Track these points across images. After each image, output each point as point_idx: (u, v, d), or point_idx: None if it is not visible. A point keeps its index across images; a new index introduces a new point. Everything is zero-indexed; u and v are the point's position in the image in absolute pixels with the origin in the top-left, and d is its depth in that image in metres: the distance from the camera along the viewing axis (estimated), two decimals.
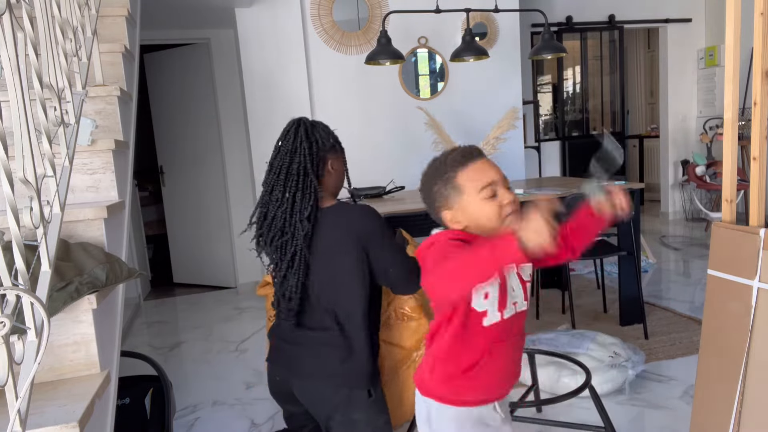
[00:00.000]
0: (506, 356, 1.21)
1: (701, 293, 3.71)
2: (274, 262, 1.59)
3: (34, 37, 1.14)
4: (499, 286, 1.16)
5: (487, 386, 1.20)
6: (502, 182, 1.16)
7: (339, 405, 1.53)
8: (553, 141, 6.23)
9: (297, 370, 1.57)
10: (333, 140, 1.63)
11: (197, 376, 3.07)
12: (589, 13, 5.91)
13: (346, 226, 1.52)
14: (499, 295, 1.16)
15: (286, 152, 1.54)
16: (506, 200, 1.14)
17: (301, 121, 1.58)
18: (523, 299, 1.20)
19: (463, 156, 1.17)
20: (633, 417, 2.30)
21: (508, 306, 1.16)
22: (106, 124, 1.88)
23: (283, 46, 4.15)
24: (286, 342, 1.61)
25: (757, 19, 1.47)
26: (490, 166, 1.17)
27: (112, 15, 2.24)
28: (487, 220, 1.15)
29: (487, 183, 1.14)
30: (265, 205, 1.58)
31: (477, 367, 1.17)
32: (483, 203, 1.14)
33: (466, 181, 1.15)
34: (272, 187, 1.55)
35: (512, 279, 1.18)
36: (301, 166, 1.52)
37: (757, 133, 1.48)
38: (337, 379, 1.53)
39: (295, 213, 1.51)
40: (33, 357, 0.89)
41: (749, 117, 2.81)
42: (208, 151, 4.81)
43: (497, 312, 1.15)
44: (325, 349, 1.54)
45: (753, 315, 1.46)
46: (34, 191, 1.00)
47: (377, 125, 4.37)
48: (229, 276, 4.93)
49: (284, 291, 1.55)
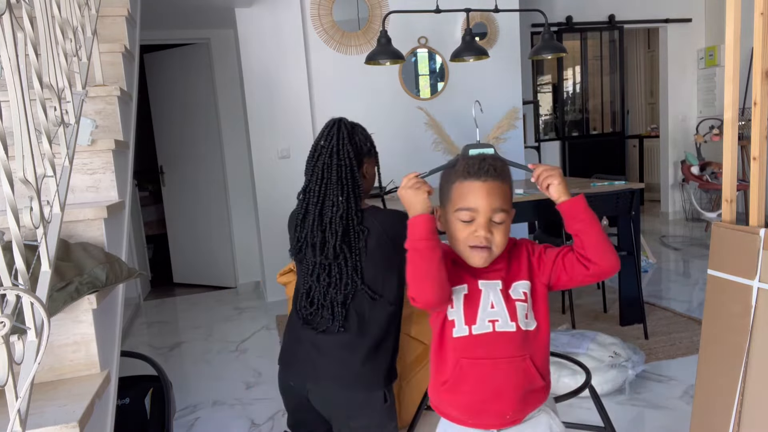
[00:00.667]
0: (489, 379, 1.10)
1: (701, 293, 3.71)
2: (317, 270, 1.52)
3: (34, 37, 1.14)
4: (465, 296, 1.11)
5: (469, 406, 1.12)
6: (486, 214, 1.08)
7: (356, 408, 1.50)
8: (553, 141, 6.24)
9: (316, 374, 1.52)
10: (370, 144, 1.60)
11: (197, 376, 3.07)
12: (589, 13, 5.91)
13: (383, 231, 1.49)
14: (465, 307, 1.11)
15: (330, 153, 1.50)
16: (477, 233, 1.08)
17: (341, 122, 1.54)
18: (508, 319, 1.10)
19: (469, 170, 1.10)
20: (633, 417, 2.30)
21: (478, 322, 1.09)
22: (106, 124, 1.88)
23: (283, 46, 4.15)
24: (302, 345, 1.55)
25: (757, 19, 1.47)
26: (486, 193, 1.08)
27: (112, 15, 2.23)
28: (455, 240, 1.12)
29: (464, 206, 1.09)
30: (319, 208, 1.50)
31: (451, 381, 1.12)
32: (456, 222, 1.10)
33: (455, 193, 1.11)
34: (325, 188, 1.49)
35: (491, 294, 1.11)
36: (347, 169, 1.49)
37: (757, 133, 1.48)
38: (356, 382, 1.50)
39: (351, 217, 1.47)
40: (33, 357, 0.89)
41: (749, 117, 2.82)
42: (208, 151, 4.81)
43: (464, 325, 1.10)
44: (345, 353, 1.49)
45: (753, 315, 1.46)
46: (34, 191, 1.00)
47: (377, 125, 4.33)
48: (229, 276, 4.93)
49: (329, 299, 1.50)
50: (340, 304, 1.49)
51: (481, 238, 1.08)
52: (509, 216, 1.12)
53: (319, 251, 1.49)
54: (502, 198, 1.10)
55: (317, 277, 1.52)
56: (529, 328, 1.11)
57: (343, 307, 1.49)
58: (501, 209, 1.09)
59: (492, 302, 1.11)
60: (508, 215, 1.11)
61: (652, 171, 7.21)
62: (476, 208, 1.08)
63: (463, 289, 1.12)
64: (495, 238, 1.09)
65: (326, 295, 1.50)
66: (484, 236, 1.07)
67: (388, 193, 3.51)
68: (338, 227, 1.46)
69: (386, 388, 1.53)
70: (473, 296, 1.11)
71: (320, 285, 1.51)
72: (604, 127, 6.52)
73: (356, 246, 1.47)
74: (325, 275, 1.50)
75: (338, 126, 1.52)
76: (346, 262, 1.48)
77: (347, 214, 1.47)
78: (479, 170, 1.10)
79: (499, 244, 1.10)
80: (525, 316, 1.11)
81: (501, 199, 1.09)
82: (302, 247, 1.54)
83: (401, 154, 4.33)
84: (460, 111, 4.48)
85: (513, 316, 1.10)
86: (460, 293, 1.11)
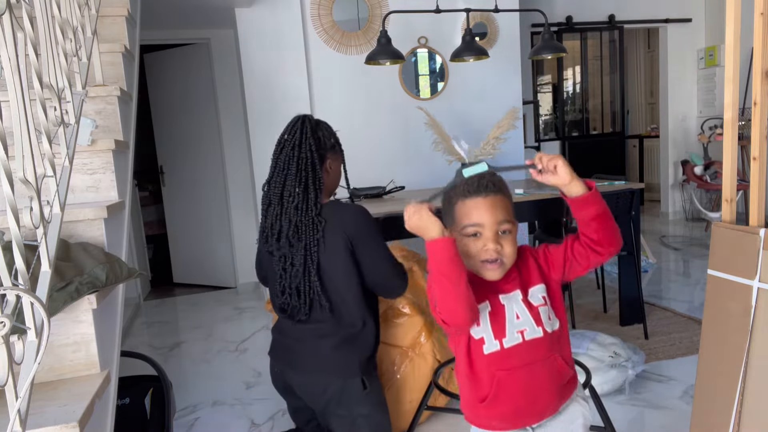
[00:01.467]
0: (527, 385, 1.14)
1: (701, 293, 3.71)
2: (281, 259, 1.58)
3: (34, 37, 1.14)
4: (489, 313, 1.14)
5: (511, 414, 1.16)
6: (492, 227, 1.11)
7: (333, 396, 1.54)
8: (553, 141, 6.24)
9: (293, 362, 1.60)
10: (334, 140, 1.65)
11: (197, 376, 3.07)
12: (589, 13, 5.91)
13: (338, 224, 1.54)
14: (492, 323, 1.14)
15: (292, 146, 1.55)
16: (486, 246, 1.11)
17: (305, 118, 1.59)
18: (534, 326, 1.14)
19: (469, 189, 1.14)
20: (633, 417, 2.30)
21: (508, 335, 1.13)
22: (106, 124, 1.88)
23: (283, 46, 4.15)
24: (284, 336, 1.64)
25: (757, 19, 1.47)
26: (489, 206, 1.12)
27: (112, 15, 2.23)
28: (467, 257, 1.14)
29: (470, 223, 1.12)
30: (279, 198, 1.56)
31: (491, 396, 1.14)
32: (464, 238, 1.14)
33: (459, 213, 1.15)
34: (285, 180, 1.54)
35: (515, 306, 1.15)
36: (308, 161, 1.54)
37: (757, 133, 1.48)
38: (329, 368, 1.55)
39: (309, 208, 1.52)
40: (33, 357, 0.89)
41: (749, 117, 2.81)
42: (208, 151, 4.81)
43: (494, 340, 1.13)
44: (320, 341, 1.56)
45: (753, 315, 1.46)
46: (34, 191, 1.00)
47: (377, 125, 4.37)
48: (229, 276, 4.93)
49: (297, 288, 1.55)
50: (302, 293, 1.54)
51: (491, 251, 1.10)
52: (514, 227, 1.15)
53: (278, 240, 1.55)
54: (505, 210, 1.13)
55: (283, 267, 1.57)
56: (554, 328, 1.16)
57: (305, 295, 1.53)
58: (506, 221, 1.12)
59: (517, 313, 1.14)
60: (514, 226, 1.14)
61: (652, 171, 7.21)
62: (482, 222, 1.11)
63: (486, 307, 1.14)
64: (505, 249, 1.12)
65: (291, 284, 1.56)
66: (494, 249, 1.10)
67: (388, 193, 3.51)
68: (293, 216, 1.52)
69: (365, 375, 1.55)
70: (497, 312, 1.14)
71: (286, 274, 1.57)
72: (604, 127, 6.52)
73: (312, 236, 1.51)
74: (288, 264, 1.56)
75: (302, 121, 1.58)
76: (300, 251, 1.52)
77: (305, 204, 1.52)
78: (479, 187, 1.13)
79: (509, 255, 1.12)
80: (548, 318, 1.15)
81: (504, 211, 1.13)
82: (267, 237, 1.60)
83: (401, 154, 4.34)
84: (460, 111, 4.48)
85: (538, 322, 1.14)
86: (484, 311, 1.14)
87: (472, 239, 1.12)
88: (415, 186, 3.83)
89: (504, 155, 3.75)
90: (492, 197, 1.12)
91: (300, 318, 1.57)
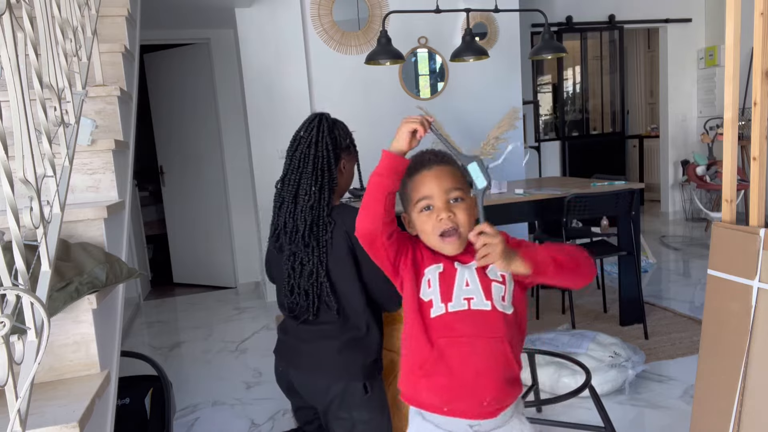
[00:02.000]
0: (468, 359, 1.09)
1: (701, 293, 3.71)
2: (290, 258, 1.57)
3: (34, 37, 1.14)
4: (440, 274, 1.13)
5: (447, 389, 1.10)
6: (441, 196, 1.12)
7: (335, 398, 1.53)
8: (553, 141, 6.23)
9: (296, 362, 1.59)
10: (349, 140, 1.63)
11: (197, 376, 3.07)
12: (589, 13, 5.91)
13: (342, 226, 1.53)
14: (441, 285, 1.12)
15: (308, 144, 1.54)
16: (440, 216, 1.11)
17: (323, 116, 1.58)
18: (483, 297, 1.11)
19: (415, 163, 1.15)
20: (633, 417, 2.30)
21: (454, 299, 1.11)
22: (106, 124, 1.88)
23: (283, 46, 4.15)
24: (289, 335, 1.63)
25: (757, 19, 1.47)
26: (434, 176, 1.13)
27: (112, 15, 2.23)
28: (425, 234, 1.14)
29: (420, 196, 1.13)
30: (293, 197, 1.54)
31: (429, 363, 1.11)
32: (419, 216, 1.14)
33: (411, 190, 1.15)
34: (300, 178, 1.53)
35: (465, 272, 1.13)
36: (324, 161, 1.52)
37: (757, 133, 1.48)
38: (332, 370, 1.54)
39: (322, 208, 1.51)
40: (33, 357, 0.89)
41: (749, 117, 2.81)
42: (208, 151, 4.81)
43: (441, 303, 1.11)
44: (324, 342, 1.55)
45: (753, 315, 1.46)
46: (34, 191, 1.00)
47: (377, 125, 4.36)
48: (229, 276, 4.93)
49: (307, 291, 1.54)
50: (312, 294, 1.53)
51: (445, 220, 1.10)
52: (466, 195, 1.14)
53: (291, 239, 1.53)
54: (452, 178, 1.13)
55: (292, 266, 1.56)
56: (506, 311, 1.12)
57: (314, 296, 1.52)
58: (454, 188, 1.12)
59: (467, 280, 1.12)
60: (465, 194, 1.14)
61: (652, 171, 7.21)
62: (430, 194, 1.12)
63: (439, 268, 1.14)
64: (458, 217, 1.11)
65: (300, 283, 1.55)
66: (446, 217, 1.10)
67: None
68: (308, 216, 1.50)
69: (367, 380, 1.55)
70: (448, 275, 1.13)
71: (295, 274, 1.55)
72: (604, 127, 6.52)
73: (323, 237, 1.51)
74: (298, 264, 1.54)
75: (319, 119, 1.57)
76: (313, 251, 1.52)
77: (318, 204, 1.51)
78: (422, 161, 1.15)
79: (464, 223, 1.12)
80: (502, 299, 1.12)
81: (451, 179, 1.13)
82: (279, 235, 1.58)
83: None
84: (460, 111, 4.48)
85: (488, 295, 1.11)
86: (435, 272, 1.13)
87: (425, 214, 1.13)
88: None
89: (503, 156, 3.74)
90: (436, 168, 1.14)
91: (306, 318, 1.56)
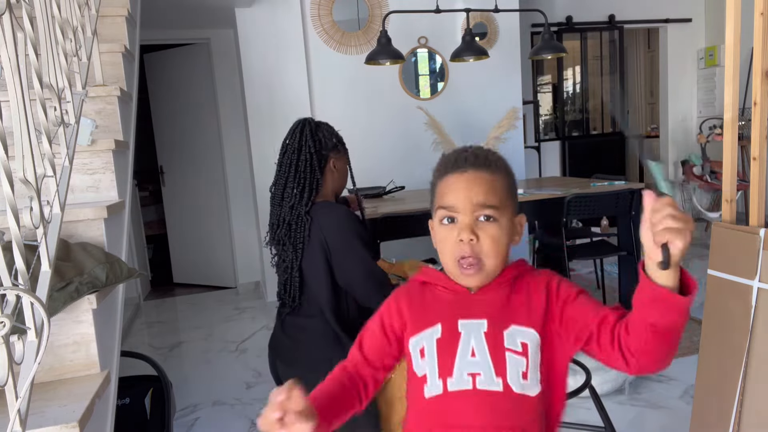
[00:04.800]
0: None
1: (701, 293, 3.70)
2: (279, 256, 1.68)
3: (34, 37, 1.14)
4: (438, 340, 0.84)
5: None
6: (468, 211, 0.83)
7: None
8: (553, 141, 6.23)
9: (282, 355, 1.67)
10: (336, 140, 1.70)
11: (197, 376, 3.07)
12: (589, 13, 5.91)
13: (318, 224, 1.59)
14: (439, 355, 0.83)
15: (293, 150, 1.62)
16: (460, 237, 0.83)
17: (306, 121, 1.66)
18: (493, 374, 0.80)
19: (448, 161, 0.89)
20: (633, 417, 2.30)
21: (455, 375, 0.81)
22: (106, 124, 1.88)
23: (283, 46, 4.15)
24: (277, 328, 1.72)
25: (757, 19, 1.47)
26: (465, 184, 0.84)
27: (112, 15, 2.23)
28: (442, 254, 0.87)
29: (443, 204, 0.86)
30: (279, 200, 1.64)
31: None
32: (440, 226, 0.87)
33: (436, 193, 0.89)
34: (285, 183, 1.62)
35: (473, 338, 0.83)
36: (307, 163, 1.60)
37: (757, 133, 1.48)
38: (308, 363, 1.58)
39: (302, 207, 1.59)
40: (33, 357, 0.89)
41: (749, 117, 2.81)
42: (208, 151, 4.81)
43: (438, 380, 0.82)
44: (305, 336, 1.62)
45: (753, 315, 1.46)
46: (34, 191, 1.00)
47: (377, 125, 4.38)
48: (229, 276, 4.93)
49: (285, 284, 1.64)
50: (290, 287, 1.64)
51: (464, 245, 0.82)
52: (503, 216, 0.84)
53: (273, 237, 1.67)
54: (488, 191, 0.84)
55: (278, 263, 1.70)
56: (525, 392, 0.81)
57: (291, 290, 1.63)
58: (487, 204, 0.83)
59: (473, 348, 0.82)
60: (501, 214, 0.84)
61: None
62: (455, 205, 0.84)
63: (436, 332, 0.84)
64: (482, 245, 0.83)
65: (281, 278, 1.67)
66: (467, 240, 0.82)
67: (388, 193, 3.51)
68: (287, 215, 1.61)
69: None
70: (450, 340, 0.83)
71: (278, 270, 1.70)
72: (604, 127, 6.52)
73: (300, 234, 1.59)
74: (281, 260, 1.67)
75: (302, 125, 1.65)
76: (289, 249, 1.62)
77: (299, 204, 1.60)
78: (456, 160, 0.87)
79: (489, 254, 0.83)
80: (522, 375, 0.81)
81: (485, 191, 0.83)
82: (271, 236, 1.72)
83: (401, 154, 4.33)
84: (460, 111, 4.48)
85: (500, 370, 0.81)
86: (432, 338, 0.84)
87: (446, 227, 0.85)
88: (415, 186, 3.83)
89: (503, 155, 3.74)
90: (472, 173, 0.84)
91: (287, 312, 1.66)
